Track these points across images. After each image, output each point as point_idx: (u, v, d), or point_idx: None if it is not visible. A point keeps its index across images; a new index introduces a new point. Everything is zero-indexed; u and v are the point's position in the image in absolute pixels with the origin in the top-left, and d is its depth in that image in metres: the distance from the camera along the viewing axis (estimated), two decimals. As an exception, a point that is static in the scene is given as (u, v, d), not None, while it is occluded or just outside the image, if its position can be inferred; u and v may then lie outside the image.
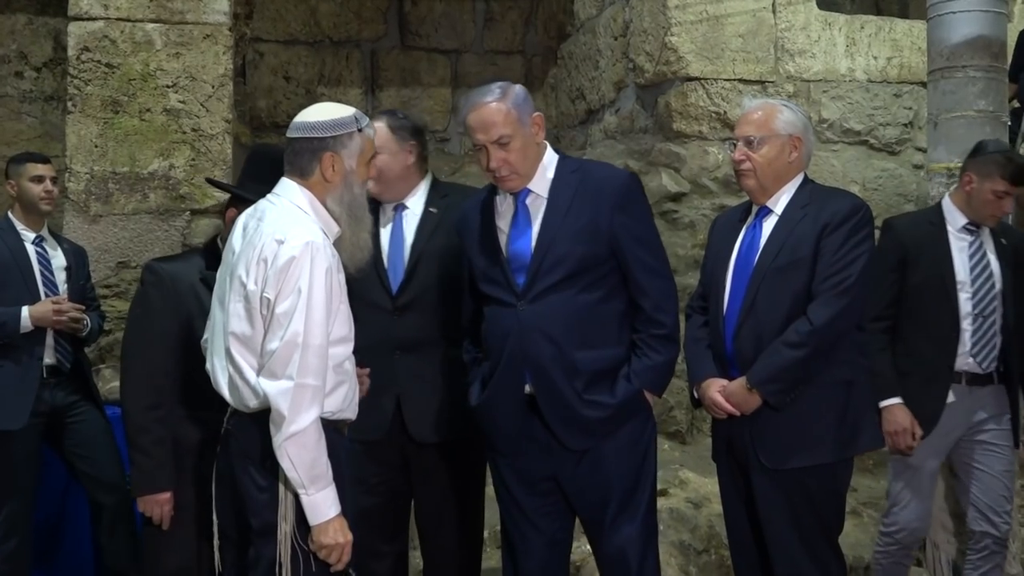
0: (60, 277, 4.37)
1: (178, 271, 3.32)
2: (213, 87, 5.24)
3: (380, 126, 3.45)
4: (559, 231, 3.13)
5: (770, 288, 3.25)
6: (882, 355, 3.83)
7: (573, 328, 3.11)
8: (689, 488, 4.95)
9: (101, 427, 4.32)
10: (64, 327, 4.21)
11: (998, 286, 3.88)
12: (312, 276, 2.62)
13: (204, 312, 3.13)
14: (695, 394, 3.43)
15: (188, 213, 5.24)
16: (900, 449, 3.83)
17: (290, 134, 2.81)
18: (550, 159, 3.23)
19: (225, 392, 2.74)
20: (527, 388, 3.15)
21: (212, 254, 3.32)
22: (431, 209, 3.54)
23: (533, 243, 3.15)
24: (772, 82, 6.69)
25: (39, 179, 4.37)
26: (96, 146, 5.11)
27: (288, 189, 2.79)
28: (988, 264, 3.90)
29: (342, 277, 2.77)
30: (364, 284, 3.34)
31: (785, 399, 3.20)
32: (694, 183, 6.53)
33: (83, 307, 4.29)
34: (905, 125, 6.93)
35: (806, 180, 3.42)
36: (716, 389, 3.29)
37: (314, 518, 2.63)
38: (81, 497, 4.38)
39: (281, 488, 2.65)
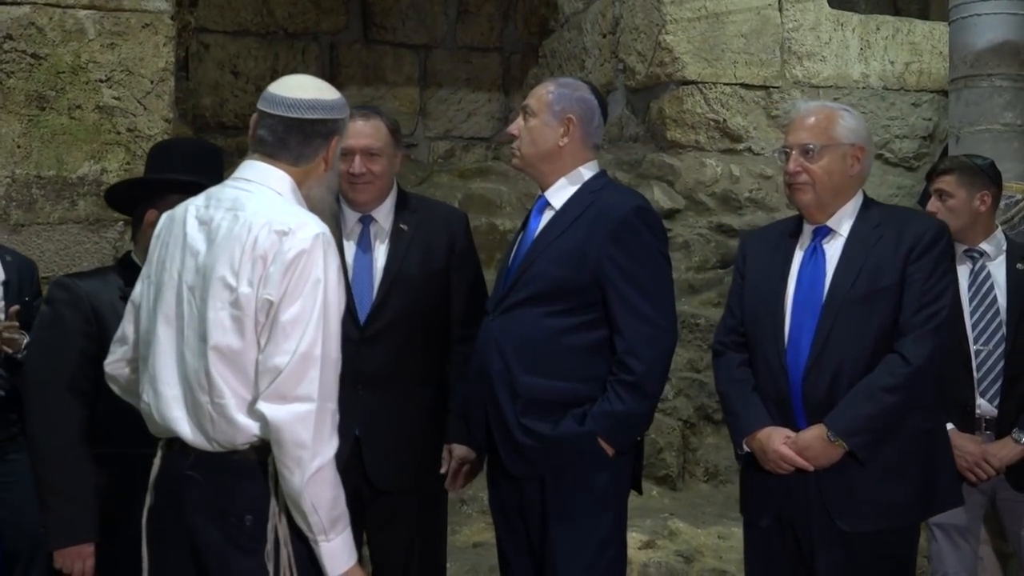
0: None
1: (95, 288, 3.17)
2: (152, 82, 5.23)
3: (378, 123, 3.55)
4: (546, 248, 3.26)
5: (849, 321, 3.17)
6: None
7: (527, 350, 3.22)
8: (679, 540, 4.95)
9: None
10: None
11: (1002, 316, 3.88)
12: (327, 275, 2.47)
13: None
14: (744, 447, 3.32)
15: (121, 223, 5.21)
16: (978, 480, 3.80)
17: (295, 112, 2.65)
18: (582, 174, 3.36)
19: (184, 428, 2.52)
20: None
21: (129, 270, 3.21)
22: (401, 226, 3.57)
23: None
24: (777, 87, 6.75)
25: None
26: (19, 147, 5.08)
27: (263, 173, 2.64)
28: (991, 291, 3.92)
29: None
30: None
31: (873, 451, 3.12)
32: (689, 199, 6.56)
33: (16, 324, 4.19)
34: (924, 138, 6.99)
35: (868, 198, 3.38)
36: (782, 441, 3.20)
37: (333, 568, 2.47)
38: None
39: (271, 550, 2.47)
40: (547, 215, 3.35)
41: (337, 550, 2.47)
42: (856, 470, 3.14)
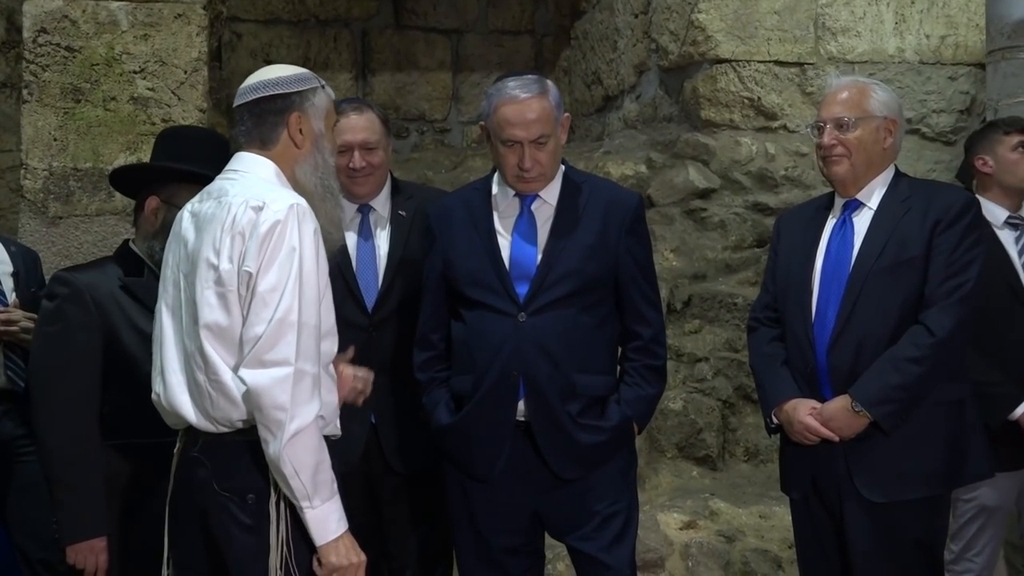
0: (7, 284, 4.26)
1: (94, 280, 3.19)
2: (186, 72, 5.25)
3: (371, 116, 3.54)
4: (568, 244, 3.23)
5: (874, 292, 3.20)
6: (983, 361, 3.67)
7: (574, 348, 3.21)
8: (721, 520, 4.94)
9: None
10: (14, 339, 4.00)
11: None
12: (302, 243, 2.52)
13: (131, 324, 3.10)
14: (773, 419, 3.36)
15: (158, 214, 5.25)
16: None
17: (245, 98, 2.71)
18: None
19: (189, 412, 2.60)
20: (520, 408, 3.22)
21: (127, 260, 3.26)
22: (400, 212, 3.59)
23: (540, 252, 3.24)
24: (812, 64, 6.68)
25: None
26: (55, 139, 5.11)
27: (248, 162, 2.71)
28: None
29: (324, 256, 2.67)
30: (333, 297, 3.38)
31: (898, 422, 3.14)
32: (725, 178, 6.53)
33: (35, 316, 4.20)
34: (961, 112, 6.91)
35: (899, 172, 3.39)
36: (807, 412, 3.24)
37: (321, 536, 2.50)
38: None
39: (273, 527, 2.52)
40: (541, 210, 3.28)
41: (323, 517, 2.50)
42: (881, 440, 3.16)
